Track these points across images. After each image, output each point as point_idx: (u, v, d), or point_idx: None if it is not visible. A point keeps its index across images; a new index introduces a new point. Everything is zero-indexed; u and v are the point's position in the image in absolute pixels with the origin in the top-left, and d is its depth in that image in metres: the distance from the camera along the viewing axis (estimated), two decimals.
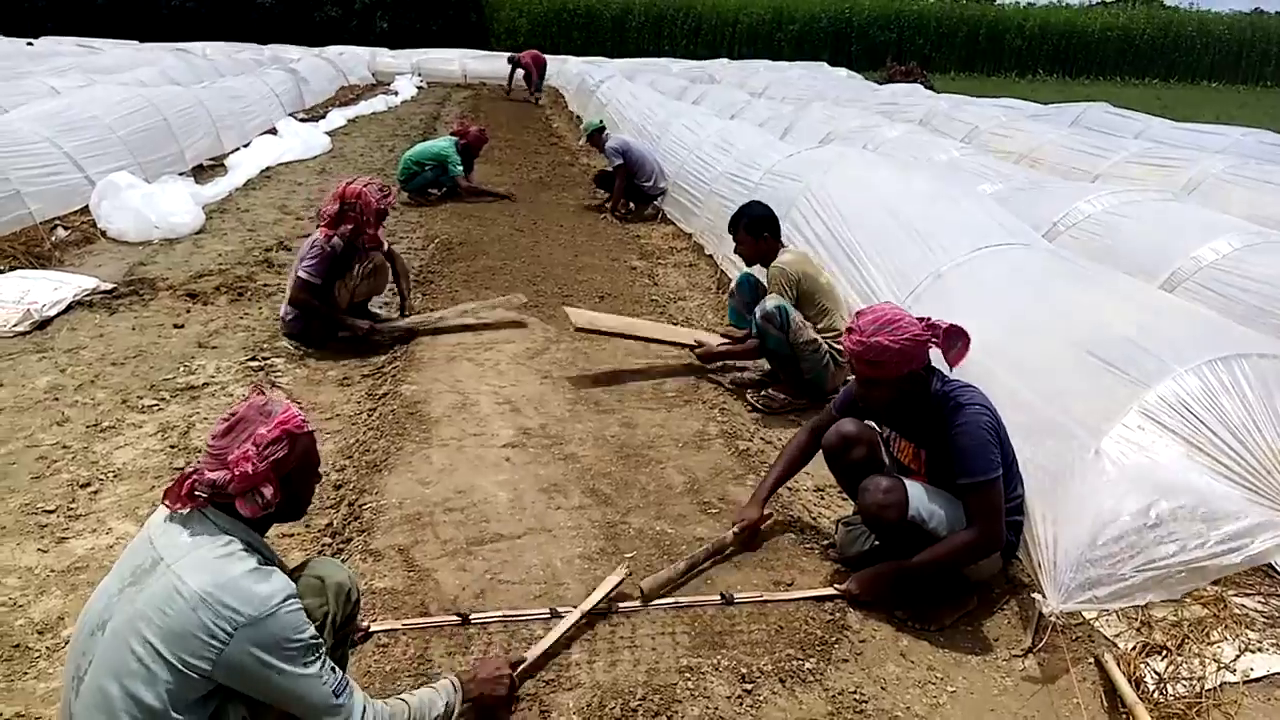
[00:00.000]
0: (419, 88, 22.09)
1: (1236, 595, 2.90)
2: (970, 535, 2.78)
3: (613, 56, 29.77)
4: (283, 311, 5.16)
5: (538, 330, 5.49)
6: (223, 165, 10.15)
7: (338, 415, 4.34)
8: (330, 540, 3.24)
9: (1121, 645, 2.73)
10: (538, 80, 21.01)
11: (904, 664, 2.72)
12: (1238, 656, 2.68)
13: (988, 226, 4.71)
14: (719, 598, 2.93)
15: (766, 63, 27.43)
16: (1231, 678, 2.62)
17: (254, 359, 4.85)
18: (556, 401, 4.46)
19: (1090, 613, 2.82)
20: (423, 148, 9.29)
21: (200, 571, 1.75)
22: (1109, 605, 2.79)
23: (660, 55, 32.17)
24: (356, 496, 3.52)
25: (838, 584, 3.02)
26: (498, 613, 2.81)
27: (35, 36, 25.76)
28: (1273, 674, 2.66)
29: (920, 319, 2.81)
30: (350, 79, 21.38)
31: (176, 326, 5.28)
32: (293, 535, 3.27)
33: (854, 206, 5.33)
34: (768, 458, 4.01)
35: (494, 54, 27.72)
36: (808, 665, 2.66)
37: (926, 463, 2.96)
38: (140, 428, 4.05)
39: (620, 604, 2.87)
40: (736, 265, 4.66)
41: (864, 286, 4.77)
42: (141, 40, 25.69)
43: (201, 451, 1.94)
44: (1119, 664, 2.61)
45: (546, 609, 2.83)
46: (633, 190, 8.95)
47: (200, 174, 9.81)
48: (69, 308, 5.40)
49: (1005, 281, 4.17)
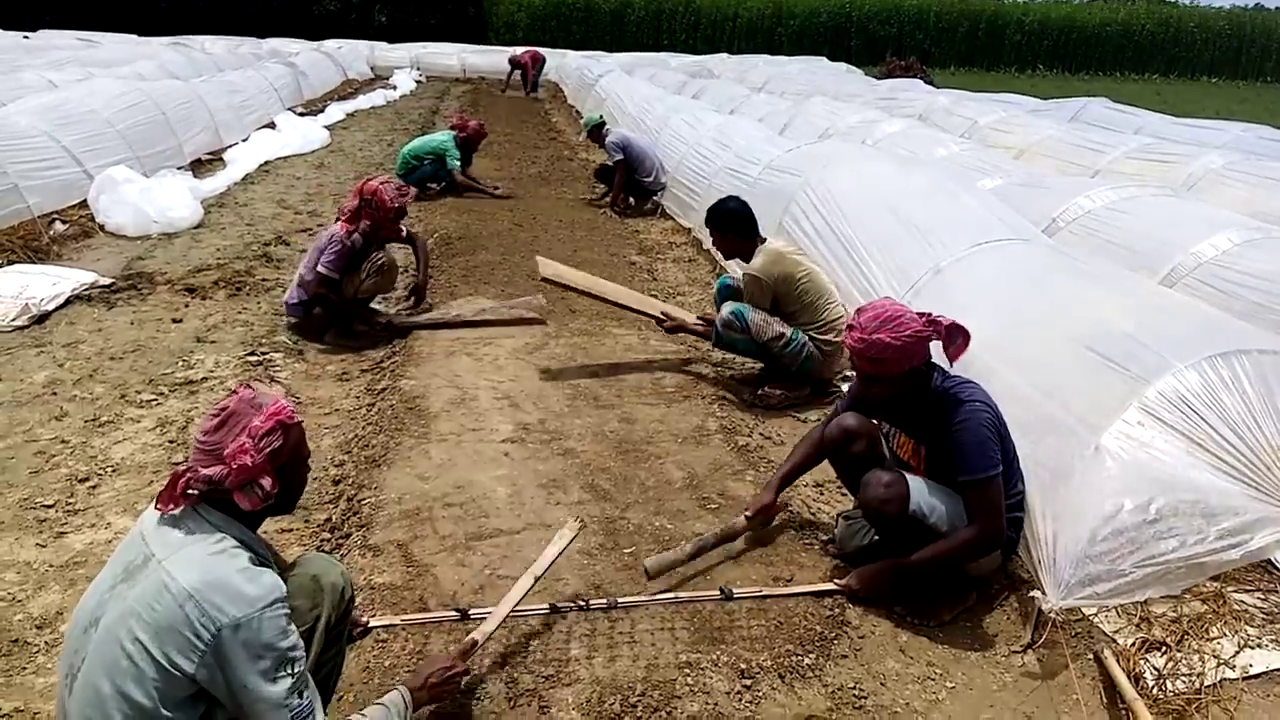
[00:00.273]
0: (418, 82, 22.09)
1: (1236, 591, 2.90)
2: (971, 532, 2.78)
3: (612, 51, 29.79)
4: (289, 296, 5.23)
5: (537, 325, 5.48)
6: (221, 159, 10.13)
7: (336, 410, 4.34)
8: (329, 535, 3.24)
9: (1121, 641, 2.72)
10: (535, 76, 21.01)
11: (903, 660, 2.72)
12: (1237, 652, 2.68)
13: (987, 222, 4.71)
14: (718, 593, 2.93)
15: (765, 57, 27.39)
16: (1231, 674, 2.62)
17: (252, 354, 4.84)
18: (555, 396, 4.46)
19: (1090, 609, 2.82)
20: (421, 142, 9.28)
21: (190, 568, 1.72)
22: (1109, 601, 2.79)
23: (659, 50, 32.17)
24: (355, 492, 3.52)
25: (838, 579, 3.02)
26: (495, 608, 2.80)
27: (33, 29, 25.72)
28: (1272, 670, 2.65)
29: (921, 314, 2.80)
30: (349, 73, 21.39)
31: (175, 321, 5.28)
32: (292, 530, 3.27)
33: (853, 202, 5.32)
34: (767, 453, 4.01)
35: (493, 49, 27.75)
36: (807, 661, 2.66)
37: (926, 459, 2.95)
38: (139, 422, 4.04)
39: (620, 599, 2.87)
40: (736, 260, 4.65)
41: (863, 282, 4.77)
42: (140, 34, 25.68)
43: (191, 448, 1.88)
44: (1118, 660, 2.61)
45: (546, 604, 2.83)
46: (632, 185, 8.93)
47: (199, 168, 9.79)
48: (67, 302, 5.39)
49: (1005, 277, 4.16)
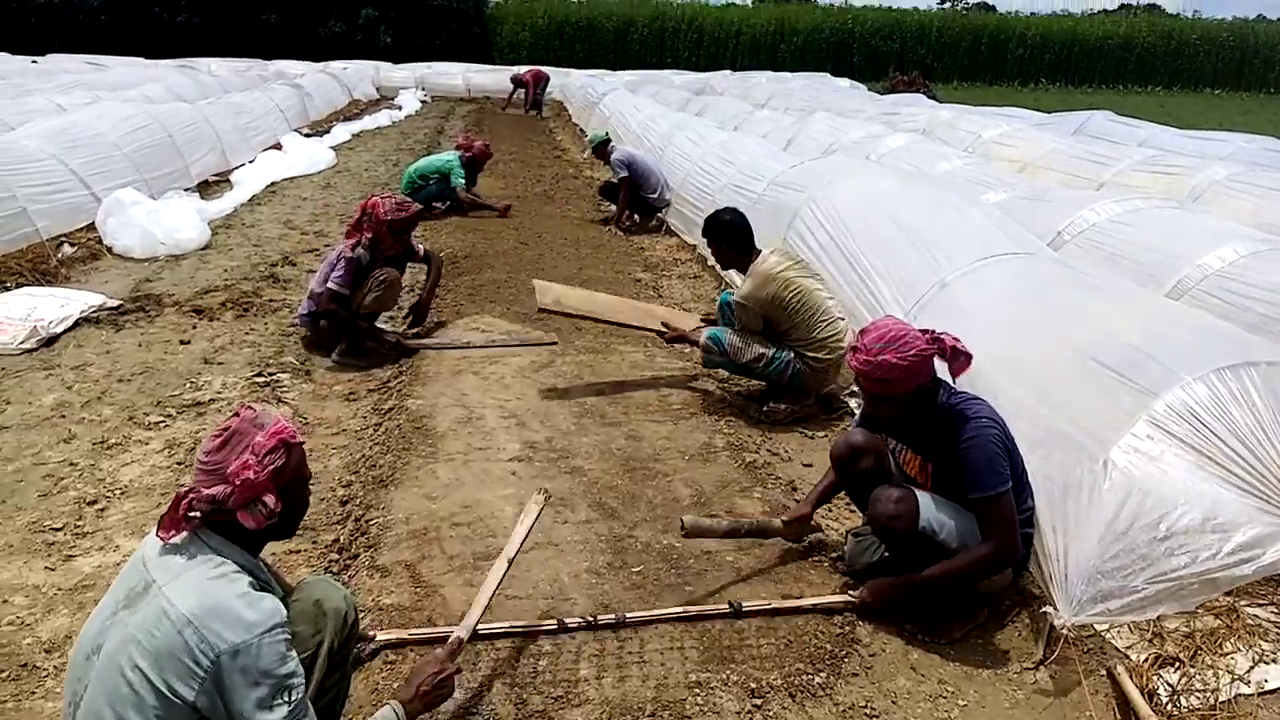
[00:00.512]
0: (423, 102, 22.25)
1: (1249, 605, 2.87)
2: (987, 549, 2.76)
3: (615, 69, 29.98)
4: (300, 309, 5.38)
5: (545, 346, 5.48)
6: (228, 181, 10.20)
7: (344, 430, 4.34)
8: (337, 556, 3.24)
9: (1134, 657, 2.70)
10: (535, 94, 21.10)
11: (914, 678, 2.71)
12: (1251, 668, 2.65)
13: (993, 236, 4.71)
14: (727, 607, 2.93)
15: (768, 74, 27.52)
16: (1246, 689, 2.59)
17: (260, 374, 4.86)
18: (562, 415, 4.46)
19: (1102, 625, 2.80)
20: (427, 162, 9.34)
21: (189, 594, 1.71)
22: (1121, 618, 2.76)
23: (663, 68, 32.36)
24: (363, 512, 3.52)
25: (851, 593, 3.01)
26: (504, 624, 2.80)
27: (41, 54, 26.01)
28: None
29: (924, 331, 2.80)
30: (354, 94, 21.55)
31: (183, 343, 5.30)
32: (299, 551, 3.27)
33: (857, 217, 5.33)
34: (775, 470, 4.00)
35: (497, 68, 27.95)
36: (818, 680, 2.64)
37: (933, 475, 2.94)
38: (147, 444, 4.05)
39: (629, 614, 2.86)
40: (741, 277, 4.65)
41: (869, 297, 4.77)
42: (147, 56, 25.91)
43: (193, 470, 1.88)
44: (1132, 676, 2.59)
45: (554, 620, 2.82)
46: (637, 202, 8.96)
47: (206, 190, 9.86)
48: (75, 324, 5.41)
49: (1011, 291, 4.16)
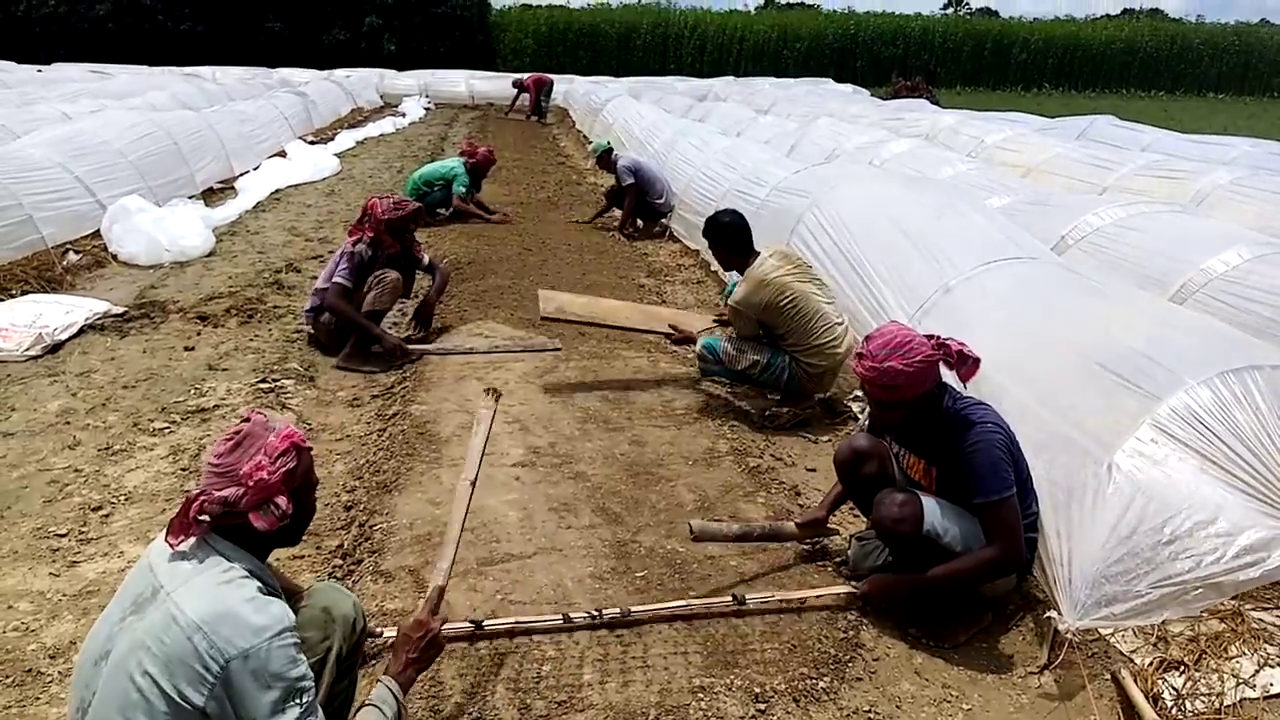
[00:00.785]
0: (426, 109, 22.31)
1: (1255, 609, 2.86)
2: (992, 552, 2.76)
3: (618, 75, 30.05)
4: (307, 306, 5.42)
5: (549, 352, 5.49)
6: (233, 188, 10.23)
7: (348, 436, 4.35)
8: (341, 562, 3.24)
9: (1138, 661, 2.70)
10: (537, 99, 21.12)
11: (919, 682, 2.70)
12: (1257, 671, 2.65)
13: (996, 241, 4.70)
14: (731, 599, 2.95)
15: (771, 80, 27.59)
16: (1251, 693, 2.58)
17: (264, 381, 4.87)
18: (565, 420, 4.46)
19: (1106, 629, 2.80)
20: (431, 168, 9.36)
21: (198, 599, 1.71)
22: (1125, 623, 2.76)
23: (666, 74, 32.43)
24: (367, 518, 3.52)
25: (855, 582, 3.05)
26: (509, 620, 2.82)
27: (47, 63, 26.14)
28: None
29: (929, 337, 2.80)
30: (358, 101, 21.60)
31: (187, 349, 5.31)
32: (303, 557, 3.27)
33: (861, 222, 5.33)
34: (778, 474, 4.00)
35: (500, 75, 28.00)
36: (821, 684, 2.64)
37: (937, 480, 2.94)
38: (151, 450, 4.06)
39: (633, 608, 2.86)
40: (734, 272, 4.70)
41: (873, 302, 4.77)
42: (151, 65, 26.04)
43: (201, 474, 1.87)
44: (1136, 680, 2.58)
45: (559, 615, 2.84)
46: (642, 206, 8.99)
47: (210, 197, 9.89)
48: (80, 331, 5.43)
49: (1015, 296, 4.16)
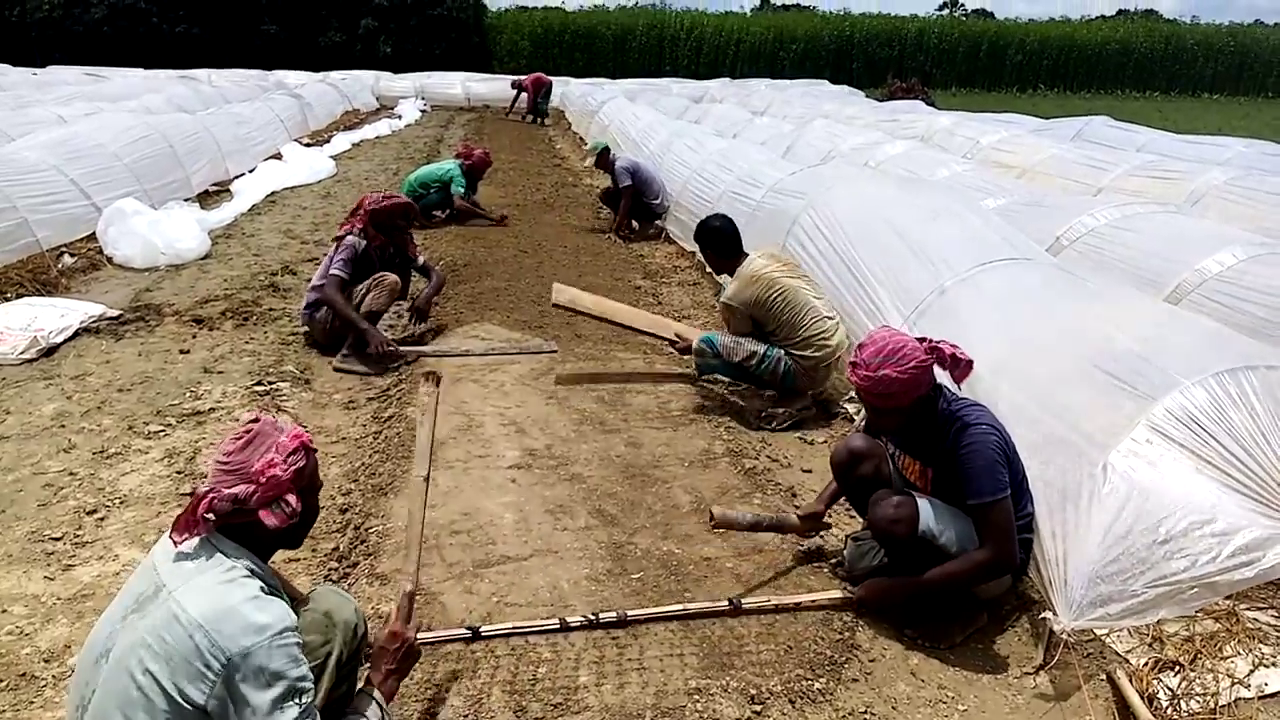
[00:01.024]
0: (422, 111, 22.32)
1: (1250, 609, 2.87)
2: (985, 555, 2.76)
3: (615, 77, 30.09)
4: (304, 302, 5.42)
5: (545, 354, 5.49)
6: (228, 191, 10.23)
7: (343, 439, 4.34)
8: (336, 565, 3.23)
9: (1134, 661, 2.70)
10: (534, 99, 21.10)
11: (915, 683, 2.70)
12: (1252, 671, 2.65)
13: (992, 242, 4.71)
14: (727, 603, 2.95)
15: (767, 81, 27.64)
16: (1246, 693, 2.58)
17: (259, 383, 4.86)
18: (562, 422, 4.46)
19: (1101, 629, 2.80)
20: (427, 170, 9.36)
21: (200, 598, 1.72)
22: (1120, 623, 2.76)
23: (662, 76, 32.46)
24: (363, 520, 3.51)
25: (850, 587, 3.05)
26: (506, 625, 2.82)
27: (42, 65, 26.10)
28: None
29: (921, 340, 2.81)
30: (354, 103, 21.60)
31: (183, 352, 5.30)
32: (299, 560, 3.26)
33: (856, 223, 5.33)
34: (774, 475, 4.00)
35: (496, 77, 27.99)
36: (817, 685, 2.64)
37: (933, 481, 2.94)
38: (147, 454, 4.05)
39: (630, 611, 2.86)
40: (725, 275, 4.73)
41: (868, 304, 4.77)
42: (147, 67, 25.98)
43: (207, 473, 1.88)
44: (1131, 680, 2.59)
45: (555, 619, 2.84)
46: (639, 207, 9.01)
47: (206, 200, 9.88)
48: (75, 334, 5.42)
49: (1010, 297, 4.16)
